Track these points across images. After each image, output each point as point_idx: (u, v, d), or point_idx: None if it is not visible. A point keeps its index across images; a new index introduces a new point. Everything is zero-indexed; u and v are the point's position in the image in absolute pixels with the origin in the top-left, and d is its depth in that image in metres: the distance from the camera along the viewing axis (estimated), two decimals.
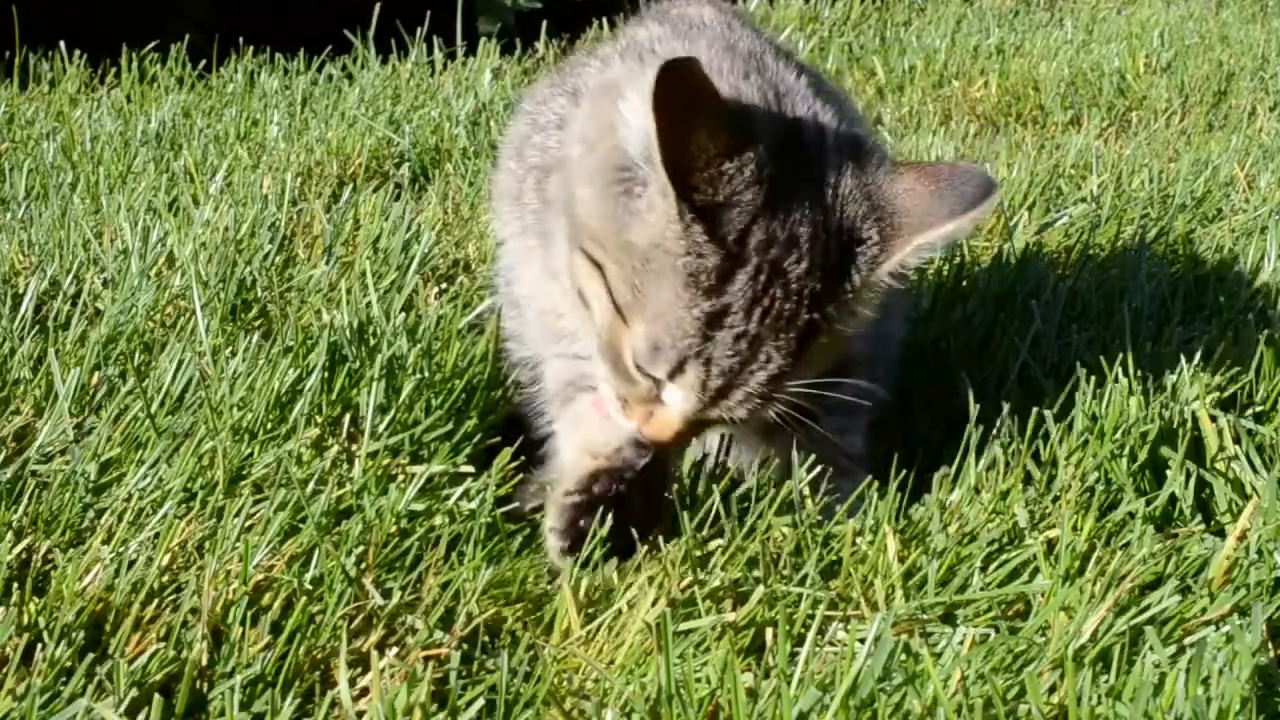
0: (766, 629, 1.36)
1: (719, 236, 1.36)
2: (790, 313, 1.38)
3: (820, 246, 1.38)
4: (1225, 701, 1.18)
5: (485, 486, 1.57)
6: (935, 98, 3.69)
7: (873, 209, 1.40)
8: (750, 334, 1.37)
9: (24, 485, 1.57)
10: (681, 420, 1.43)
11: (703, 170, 1.35)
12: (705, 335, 1.37)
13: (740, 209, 1.36)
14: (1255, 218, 2.54)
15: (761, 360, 1.39)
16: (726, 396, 1.40)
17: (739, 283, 1.36)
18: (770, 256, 1.37)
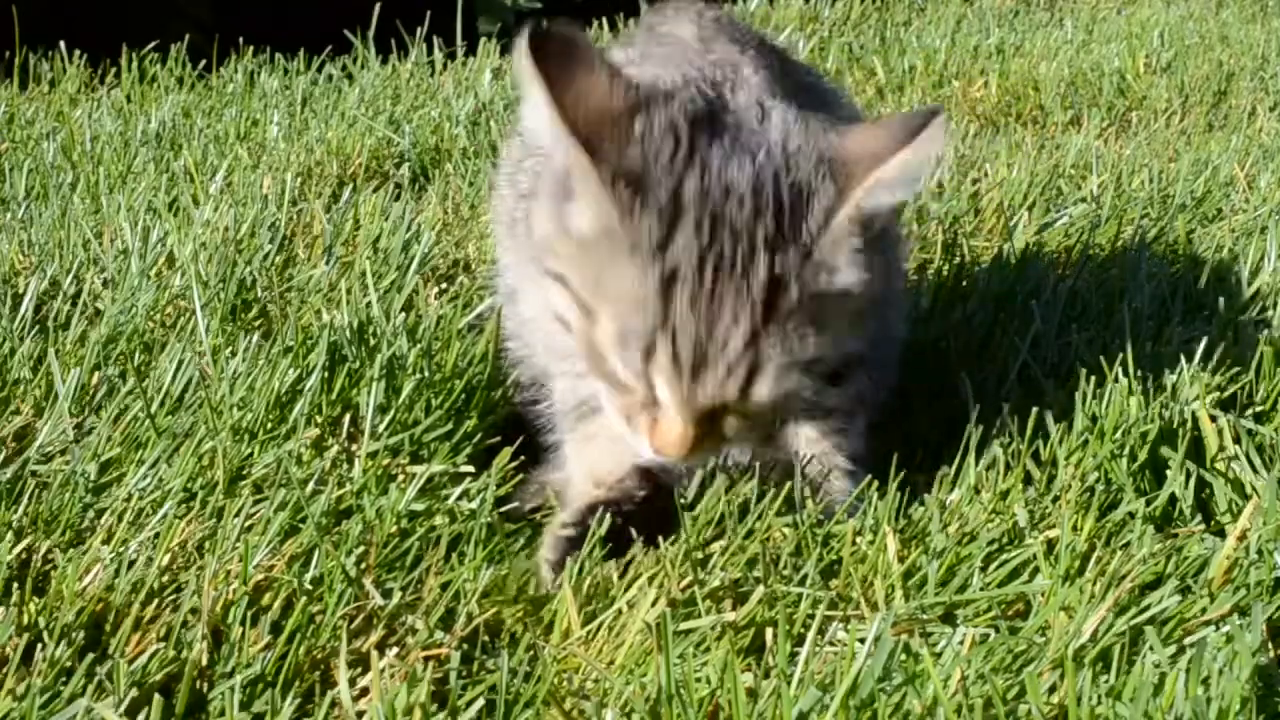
0: (766, 629, 1.36)
1: (648, 196, 1.32)
2: (744, 261, 1.32)
3: (767, 194, 1.33)
4: (1225, 701, 1.18)
5: (485, 486, 1.57)
6: (935, 98, 3.69)
7: (822, 160, 1.36)
8: (705, 288, 1.31)
9: (24, 485, 1.57)
10: (683, 422, 1.37)
11: (609, 134, 1.33)
12: (663, 302, 1.32)
13: (662, 163, 1.33)
14: (1255, 218, 2.54)
15: (728, 320, 1.32)
16: (706, 371, 1.33)
17: (682, 238, 1.32)
18: (710, 207, 1.32)
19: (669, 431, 1.39)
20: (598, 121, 1.34)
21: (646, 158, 1.33)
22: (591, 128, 1.33)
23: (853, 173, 1.35)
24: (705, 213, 1.32)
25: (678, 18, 1.64)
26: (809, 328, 1.35)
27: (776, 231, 1.33)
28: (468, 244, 2.37)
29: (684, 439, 1.39)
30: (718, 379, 1.34)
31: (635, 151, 1.33)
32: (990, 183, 2.73)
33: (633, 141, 1.34)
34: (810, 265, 1.34)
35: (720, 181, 1.33)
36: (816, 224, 1.34)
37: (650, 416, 1.40)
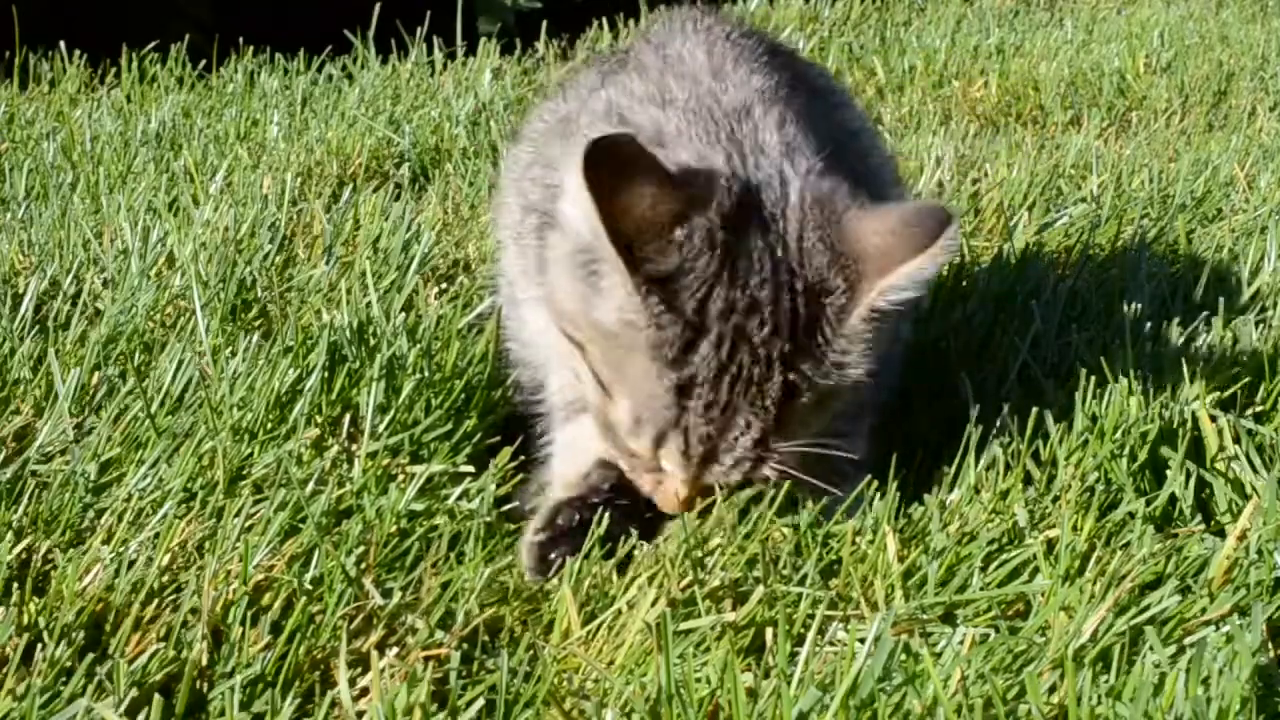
0: (766, 629, 1.36)
1: (676, 306, 1.36)
2: (761, 377, 1.37)
3: (785, 307, 1.38)
4: (1225, 701, 1.18)
5: (485, 486, 1.57)
6: (935, 98, 3.69)
7: (835, 257, 1.39)
8: (721, 402, 1.38)
9: (24, 485, 1.57)
10: (684, 488, 1.44)
11: (651, 242, 1.36)
12: (679, 406, 1.38)
13: (695, 276, 1.37)
14: (1255, 218, 2.54)
15: (741, 426, 1.39)
16: (714, 463, 1.41)
17: (702, 352, 1.37)
18: (732, 323, 1.37)
19: (670, 496, 1.46)
20: (639, 229, 1.36)
21: (681, 269, 1.37)
22: (633, 235, 1.36)
23: (865, 277, 1.38)
24: (728, 327, 1.37)
25: (686, 41, 1.63)
26: (816, 414, 1.42)
27: (794, 349, 1.38)
28: (468, 244, 2.37)
29: (685, 504, 1.46)
30: (724, 469, 1.41)
31: (671, 262, 1.37)
32: (990, 183, 2.73)
33: (670, 251, 1.37)
34: (823, 370, 1.40)
35: (744, 297, 1.37)
36: (830, 329, 1.39)
37: (656, 479, 1.47)
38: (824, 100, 1.75)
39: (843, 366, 1.40)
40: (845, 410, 1.57)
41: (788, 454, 1.41)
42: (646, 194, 1.36)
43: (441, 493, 1.57)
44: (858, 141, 1.75)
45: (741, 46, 1.63)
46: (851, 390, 1.44)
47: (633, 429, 1.42)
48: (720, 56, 1.59)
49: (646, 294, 1.36)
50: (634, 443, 1.43)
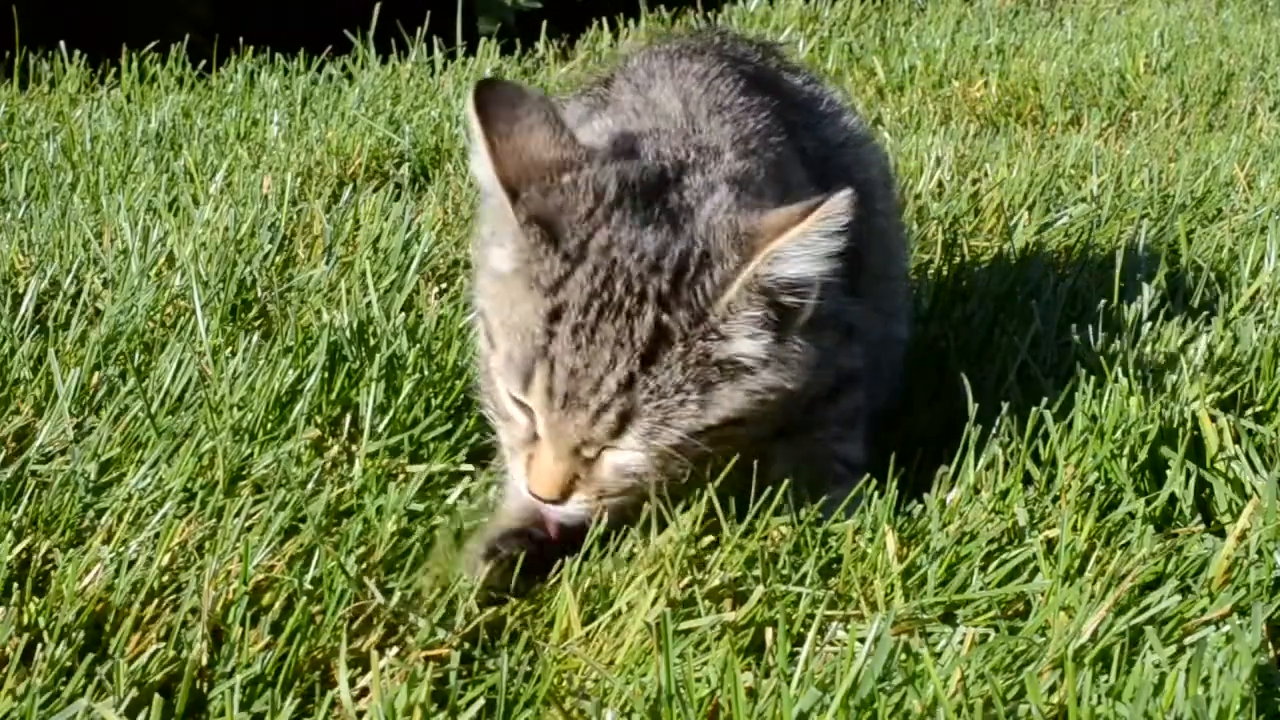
0: (766, 629, 1.36)
1: (556, 241, 1.37)
2: (631, 307, 1.36)
3: (672, 258, 1.37)
4: (1225, 701, 1.18)
5: (486, 486, 1.57)
6: (935, 98, 3.69)
7: (735, 235, 1.39)
8: (589, 326, 1.35)
9: (24, 485, 1.57)
10: (554, 456, 1.39)
11: (537, 182, 1.39)
12: (547, 333, 1.36)
13: (579, 217, 1.38)
14: (1255, 218, 2.54)
15: (606, 361, 1.35)
16: (576, 407, 1.36)
17: (576, 279, 1.37)
18: (612, 255, 1.37)
19: (543, 468, 1.41)
20: (528, 169, 1.40)
21: (563, 208, 1.39)
22: (521, 174, 1.40)
23: (756, 245, 1.37)
24: (605, 261, 1.37)
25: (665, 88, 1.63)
26: (694, 392, 1.37)
27: (671, 290, 1.36)
28: (468, 244, 2.37)
29: (554, 476, 1.40)
30: (588, 415, 1.37)
31: (554, 200, 1.39)
32: (990, 183, 2.73)
33: (554, 192, 1.39)
34: (701, 326, 1.37)
35: (628, 239, 1.38)
36: (713, 288, 1.37)
37: (527, 454, 1.42)
38: (810, 114, 1.76)
39: (725, 337, 1.37)
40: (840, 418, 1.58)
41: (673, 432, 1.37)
42: (538, 138, 1.40)
43: (442, 492, 1.57)
44: (842, 154, 1.75)
45: (717, 91, 1.62)
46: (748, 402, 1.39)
47: (503, 369, 1.39)
48: (695, 103, 1.59)
49: (528, 227, 1.38)
50: (505, 390, 1.40)
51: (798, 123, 1.67)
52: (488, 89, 1.43)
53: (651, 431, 1.37)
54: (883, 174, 1.86)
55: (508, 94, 1.43)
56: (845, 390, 1.59)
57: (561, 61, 4.06)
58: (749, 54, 1.82)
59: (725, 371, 1.38)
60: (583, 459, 1.40)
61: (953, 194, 2.66)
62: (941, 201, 2.62)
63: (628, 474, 1.41)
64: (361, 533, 1.47)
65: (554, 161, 1.41)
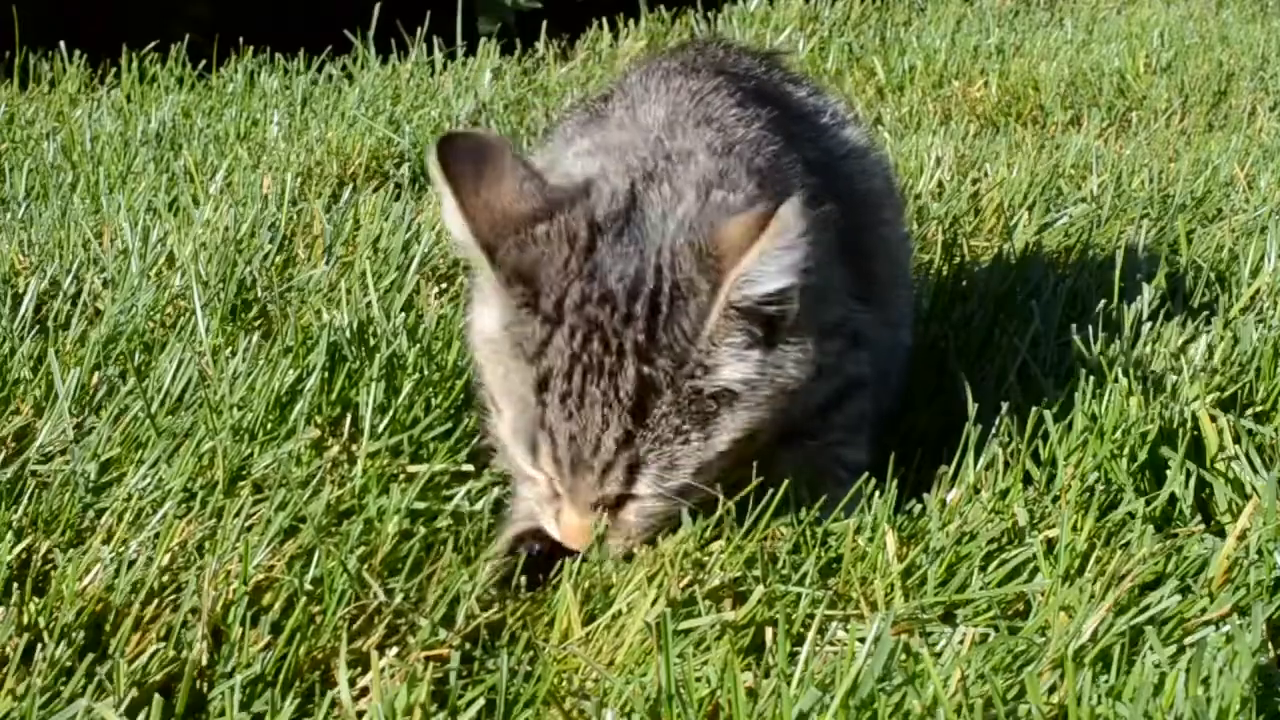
0: (766, 628, 1.36)
1: (535, 302, 1.37)
2: (613, 367, 1.36)
3: (644, 302, 1.36)
4: (1225, 701, 1.18)
5: (486, 486, 1.57)
6: (935, 98, 3.69)
7: (702, 259, 1.37)
8: (575, 392, 1.36)
9: (24, 485, 1.57)
10: (578, 515, 1.41)
11: (511, 236, 1.39)
12: (540, 402, 1.37)
13: (554, 270, 1.38)
14: (1255, 218, 2.54)
15: (599, 422, 1.36)
16: (587, 470, 1.37)
17: (557, 343, 1.37)
18: (585, 313, 1.36)
19: (568, 525, 1.43)
20: (500, 224, 1.39)
21: (540, 263, 1.38)
22: (495, 230, 1.39)
23: (722, 268, 1.36)
24: (580, 320, 1.36)
25: (657, 104, 1.62)
26: (694, 429, 1.38)
27: (648, 338, 1.36)
28: None
29: (583, 531, 1.42)
30: (595, 476, 1.38)
31: (530, 257, 1.38)
32: (990, 183, 2.73)
33: (531, 247, 1.39)
34: (686, 367, 1.37)
35: (600, 291, 1.37)
36: (690, 325, 1.37)
37: (555, 509, 1.44)
38: (813, 126, 1.75)
39: (711, 370, 1.37)
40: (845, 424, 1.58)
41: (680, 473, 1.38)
42: (508, 190, 1.40)
43: (442, 492, 1.57)
44: (845, 164, 1.75)
45: (708, 105, 1.61)
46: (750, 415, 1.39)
47: (512, 440, 1.41)
48: (682, 113, 1.59)
49: (510, 287, 1.38)
50: (517, 457, 1.42)
51: (799, 134, 1.67)
52: (449, 145, 1.41)
53: (661, 476, 1.39)
54: (887, 184, 1.85)
55: (471, 146, 1.42)
56: (852, 396, 1.59)
57: (561, 61, 4.06)
58: (751, 68, 1.81)
59: (721, 400, 1.39)
60: (605, 509, 1.42)
61: (953, 194, 2.66)
62: (941, 201, 2.62)
63: (651, 514, 1.43)
64: (362, 533, 1.47)
65: (526, 214, 1.40)
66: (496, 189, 1.40)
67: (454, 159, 1.40)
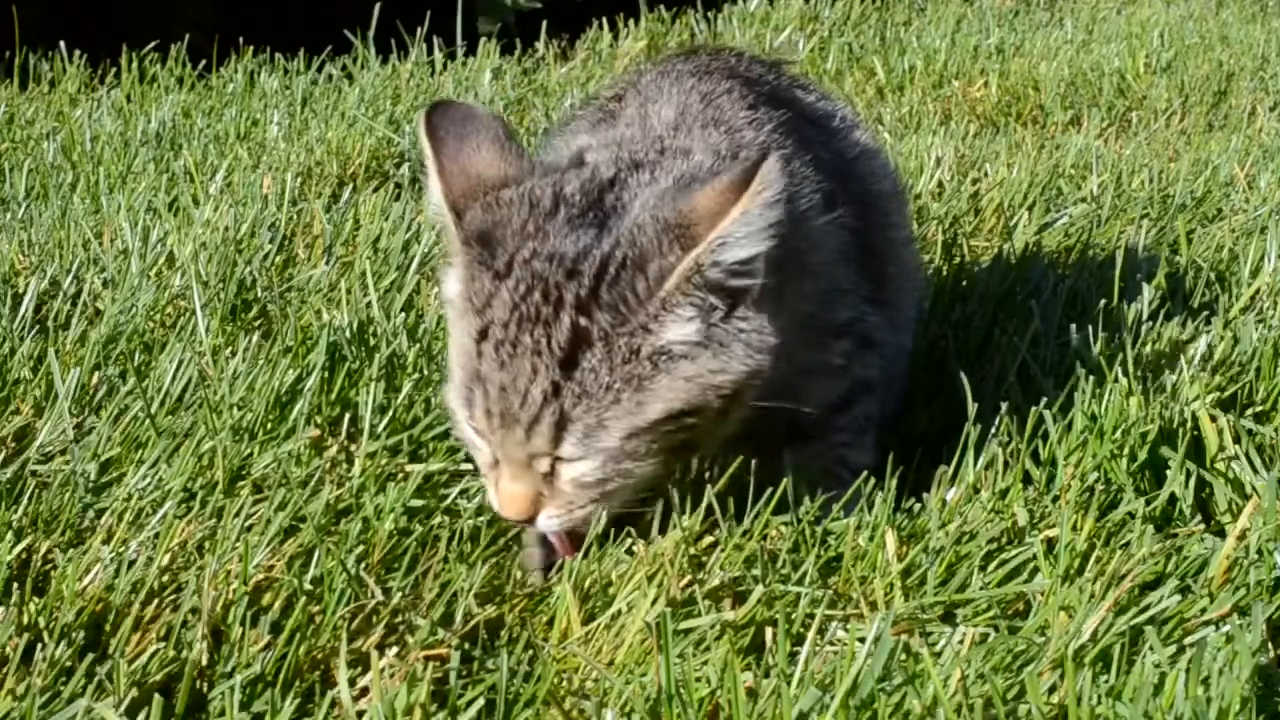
0: (766, 628, 1.36)
1: (489, 260, 1.38)
2: (548, 316, 1.34)
3: (593, 263, 1.35)
4: (1225, 701, 1.18)
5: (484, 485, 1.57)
6: (935, 98, 3.69)
7: (668, 229, 1.35)
8: (509, 340, 1.35)
9: (24, 485, 1.57)
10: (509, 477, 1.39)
11: (479, 199, 1.40)
12: (478, 353, 1.37)
13: (510, 231, 1.38)
14: (1255, 218, 2.54)
15: (528, 371, 1.34)
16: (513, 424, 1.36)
17: (501, 296, 1.36)
18: (532, 267, 1.36)
19: (503, 490, 1.41)
20: (473, 189, 1.41)
21: (500, 225, 1.39)
22: (466, 194, 1.41)
23: (695, 234, 1.35)
24: (526, 274, 1.36)
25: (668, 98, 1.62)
26: (625, 390, 1.35)
27: (590, 293, 1.35)
28: None
29: (516, 497, 1.40)
30: (523, 429, 1.36)
31: (492, 218, 1.40)
32: (990, 183, 2.73)
33: (495, 210, 1.40)
34: (627, 325, 1.35)
35: (549, 249, 1.37)
36: (646, 286, 1.35)
37: (495, 476, 1.42)
38: (824, 130, 1.75)
39: (653, 333, 1.34)
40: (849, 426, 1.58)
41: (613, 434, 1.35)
42: (487, 158, 1.42)
43: (441, 491, 1.57)
44: (857, 166, 1.74)
45: (719, 108, 1.60)
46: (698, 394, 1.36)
47: (456, 397, 1.40)
48: (693, 112, 1.58)
49: (468, 247, 1.39)
50: (456, 410, 1.41)
51: (813, 137, 1.66)
52: (439, 111, 1.44)
53: (588, 434, 1.36)
54: (894, 187, 1.85)
55: (459, 115, 1.44)
56: (859, 399, 1.59)
57: (561, 61, 4.06)
58: (764, 75, 1.81)
59: (659, 364, 1.36)
60: (539, 475, 1.39)
61: (953, 194, 2.66)
62: (941, 201, 2.62)
63: (586, 484, 1.39)
64: (360, 532, 1.47)
65: (497, 179, 1.41)
66: (476, 156, 1.42)
67: (440, 124, 1.43)
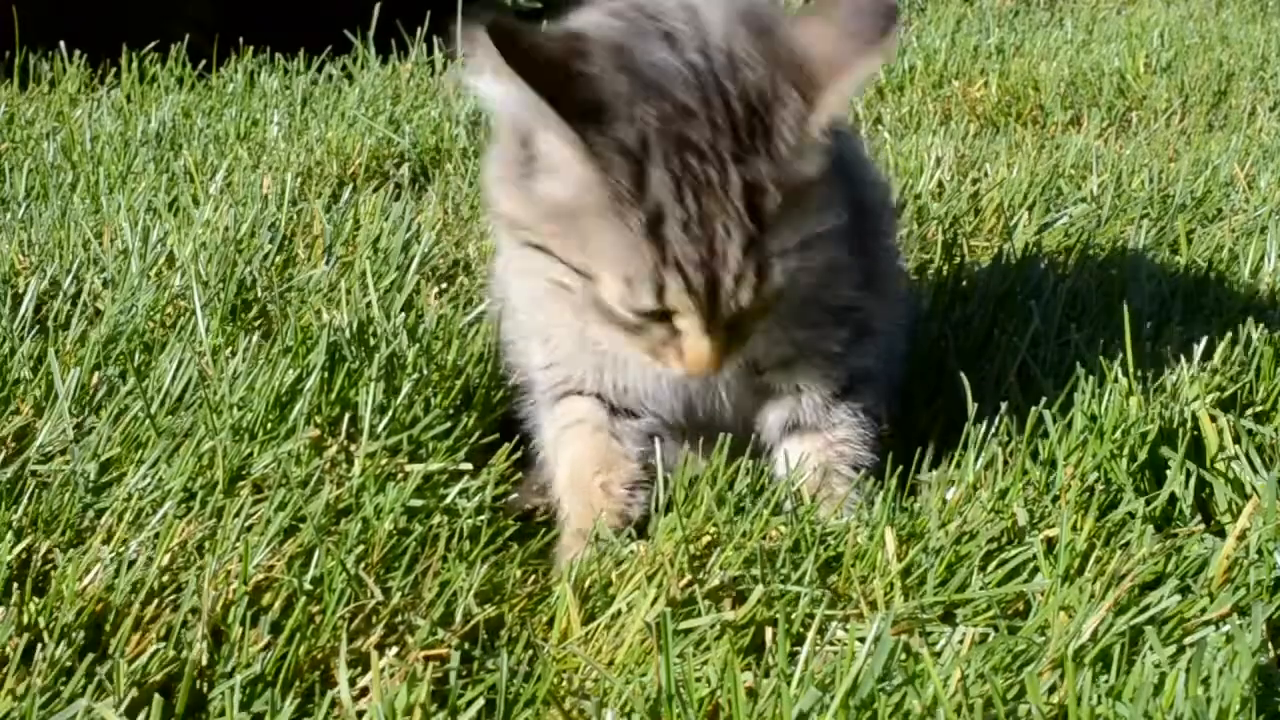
0: (766, 628, 1.36)
1: (612, 137, 1.33)
2: (719, 179, 1.34)
3: (719, 111, 1.35)
4: (1225, 701, 1.18)
5: (484, 485, 1.57)
6: (935, 98, 3.69)
7: (780, 67, 1.37)
8: (693, 214, 1.34)
9: (24, 485, 1.57)
10: (709, 340, 1.40)
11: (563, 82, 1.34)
12: (658, 239, 1.34)
13: (620, 100, 1.34)
14: (1255, 218, 2.54)
15: (722, 235, 1.34)
16: (720, 288, 1.36)
17: (656, 176, 1.34)
18: (673, 132, 1.34)
19: (698, 354, 1.41)
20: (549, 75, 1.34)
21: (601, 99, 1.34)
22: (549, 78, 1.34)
23: (818, 83, 1.36)
24: (669, 140, 1.34)
25: None
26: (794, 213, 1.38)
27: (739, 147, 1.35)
28: (468, 244, 2.38)
29: (713, 355, 1.41)
30: (730, 292, 1.37)
31: (588, 93, 1.34)
32: (990, 183, 2.73)
33: (581, 86, 1.34)
34: (781, 166, 1.36)
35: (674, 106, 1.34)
36: (791, 134, 1.36)
37: (675, 348, 1.42)
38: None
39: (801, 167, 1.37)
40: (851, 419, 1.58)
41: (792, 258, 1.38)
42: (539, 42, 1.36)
43: (440, 491, 1.57)
44: (855, 170, 1.74)
45: None
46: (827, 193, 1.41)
47: (628, 294, 1.37)
48: None
49: (582, 135, 1.33)
50: (638, 305, 1.38)
51: None
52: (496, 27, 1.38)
53: (782, 268, 1.38)
54: (885, 196, 1.85)
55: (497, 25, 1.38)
56: (857, 390, 1.59)
57: None
58: None
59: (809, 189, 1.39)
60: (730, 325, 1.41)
61: (953, 194, 2.66)
62: (941, 201, 2.62)
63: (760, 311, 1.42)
64: (360, 532, 1.47)
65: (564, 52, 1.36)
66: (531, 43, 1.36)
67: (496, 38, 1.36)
